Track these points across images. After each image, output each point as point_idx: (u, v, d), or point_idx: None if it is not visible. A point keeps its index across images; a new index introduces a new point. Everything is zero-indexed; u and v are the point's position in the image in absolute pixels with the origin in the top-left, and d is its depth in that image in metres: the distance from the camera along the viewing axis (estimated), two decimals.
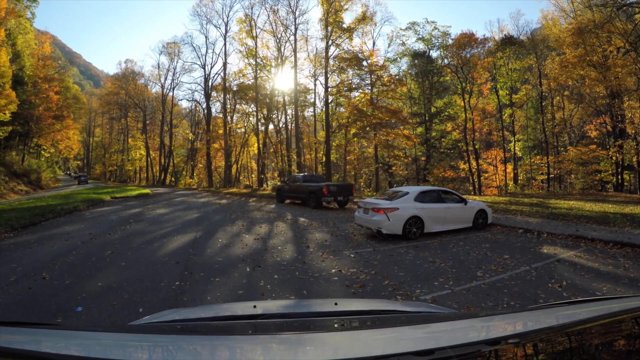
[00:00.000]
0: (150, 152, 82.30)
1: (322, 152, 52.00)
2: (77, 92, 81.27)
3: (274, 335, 1.98)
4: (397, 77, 50.52)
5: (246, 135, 64.03)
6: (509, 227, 15.54)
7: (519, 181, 50.47)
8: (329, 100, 48.93)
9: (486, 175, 54.45)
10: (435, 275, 8.95)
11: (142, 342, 1.76)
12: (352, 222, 17.04)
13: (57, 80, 62.08)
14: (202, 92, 66.18)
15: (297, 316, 2.74)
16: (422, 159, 54.44)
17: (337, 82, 49.02)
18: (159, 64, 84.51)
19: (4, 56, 38.80)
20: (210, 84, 64.45)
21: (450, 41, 53.17)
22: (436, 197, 14.99)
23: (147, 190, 45.11)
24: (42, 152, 71.12)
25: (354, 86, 48.60)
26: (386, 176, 56.10)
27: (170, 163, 77.49)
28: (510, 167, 51.81)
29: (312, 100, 55.11)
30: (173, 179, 75.89)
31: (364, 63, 47.53)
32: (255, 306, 2.70)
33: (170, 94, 75.11)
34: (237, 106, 61.27)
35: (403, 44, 55.32)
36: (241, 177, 72.05)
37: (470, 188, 50.04)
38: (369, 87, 48.52)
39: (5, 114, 40.05)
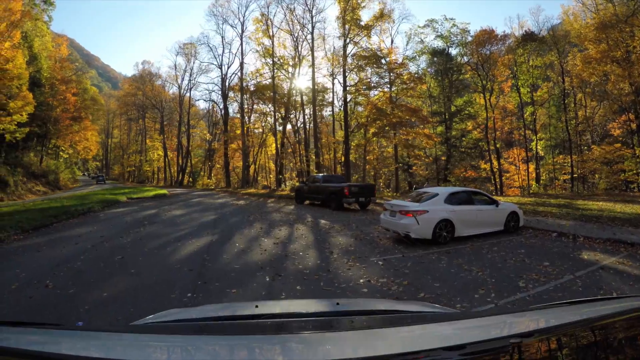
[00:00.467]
0: (168, 152, 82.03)
1: (340, 152, 51.07)
2: (95, 93, 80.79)
3: (275, 335, 1.95)
4: (416, 75, 49.23)
5: (264, 136, 63.40)
6: (542, 231, 14.54)
7: (541, 181, 49.11)
8: (348, 100, 47.88)
9: (507, 175, 53.22)
10: (474, 286, 8.05)
11: (145, 342, 1.73)
12: (377, 224, 16.14)
13: (74, 82, 62.08)
14: (219, 93, 65.50)
15: (299, 316, 2.69)
16: (443, 158, 53.18)
17: (356, 81, 47.97)
18: (175, 65, 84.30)
19: (20, 58, 38.15)
20: (227, 84, 63.77)
21: (469, 38, 52.32)
22: (466, 199, 13.98)
23: (164, 191, 44.52)
24: (61, 153, 70.85)
25: (372, 85, 47.58)
26: (406, 176, 55.12)
27: (188, 164, 76.98)
28: (532, 167, 50.41)
29: (330, 99, 54.39)
30: (191, 179, 75.41)
31: (383, 61, 46.52)
32: (257, 306, 2.74)
33: (187, 94, 74.74)
34: (255, 106, 60.62)
35: (421, 41, 54.42)
36: (259, 178, 71.34)
37: (492, 188, 48.86)
38: (388, 86, 47.44)
39: (22, 115, 39.56)
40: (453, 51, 55.39)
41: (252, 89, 57.08)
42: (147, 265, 10.04)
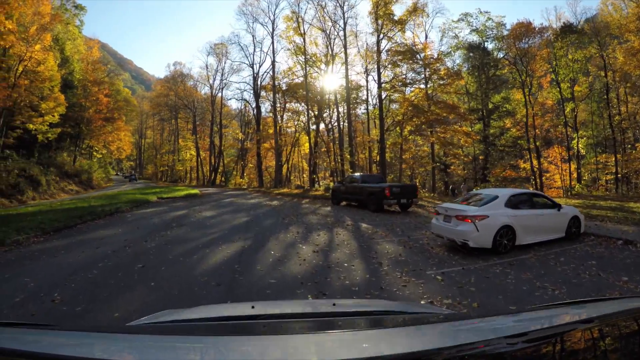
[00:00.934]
0: (201, 152, 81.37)
1: (375, 151, 49.46)
2: (128, 95, 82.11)
3: (272, 335, 1.86)
4: (452, 70, 47.00)
5: (297, 135, 61.71)
6: (605, 237, 12.83)
7: (583, 181, 46.56)
8: (383, 97, 46.18)
9: (547, 175, 50.77)
10: None
11: (140, 343, 1.68)
12: (423, 229, 14.75)
13: (106, 83, 63.20)
14: (252, 91, 64.22)
15: (296, 317, 2.63)
16: (481, 157, 51.03)
17: (391, 78, 46.22)
18: (207, 65, 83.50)
19: (51, 60, 39.04)
20: (259, 82, 62.45)
21: (505, 32, 50.16)
22: (527, 202, 12.35)
23: (195, 191, 43.45)
24: (95, 153, 71.90)
25: (408, 81, 45.67)
26: (442, 176, 52.95)
27: (220, 163, 76.00)
28: (573, 166, 47.76)
29: (364, 97, 52.73)
30: (223, 179, 74.53)
31: (418, 56, 44.49)
32: (253, 307, 2.63)
33: (219, 94, 73.89)
34: (287, 105, 59.00)
35: (456, 36, 52.58)
36: (292, 177, 70.15)
37: (531, 189, 46.34)
38: (424, 82, 45.41)
39: (54, 115, 40.83)
40: (489, 45, 53.56)
41: (284, 88, 55.68)
42: (169, 277, 8.79)
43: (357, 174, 32.13)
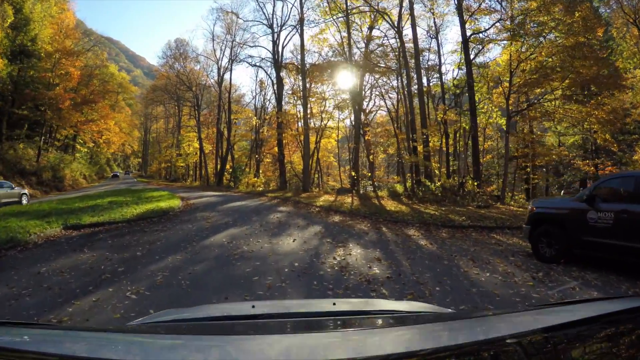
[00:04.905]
0: (207, 145, 62.44)
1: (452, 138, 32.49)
2: (124, 80, 67.53)
3: (272, 335, 1.78)
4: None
5: (325, 122, 43.68)
6: None
7: None
8: (471, 57, 27.93)
9: None
10: None
11: (140, 342, 1.66)
12: None
13: (77, 53, 46.86)
14: (270, 62, 45.33)
15: (296, 316, 2.47)
16: (614, 148, 31.34)
17: (482, 29, 27.95)
18: (213, 36, 65.03)
19: None
20: (280, 48, 43.85)
21: None
22: None
23: (174, 202, 22.56)
24: (78, 146, 57.37)
25: (513, 32, 25.63)
26: (553, 179, 33.42)
27: (229, 158, 55.38)
28: None
29: (434, 62, 35.35)
30: (232, 178, 52.96)
31: None
32: (254, 306, 2.49)
33: (229, 74, 55.89)
34: (315, 86, 41.27)
35: None
36: (324, 177, 51.65)
37: None
38: (543, 34, 25.71)
39: None
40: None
41: (319, 61, 38.80)
42: None
43: None
